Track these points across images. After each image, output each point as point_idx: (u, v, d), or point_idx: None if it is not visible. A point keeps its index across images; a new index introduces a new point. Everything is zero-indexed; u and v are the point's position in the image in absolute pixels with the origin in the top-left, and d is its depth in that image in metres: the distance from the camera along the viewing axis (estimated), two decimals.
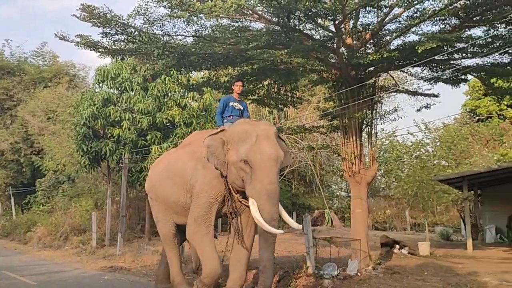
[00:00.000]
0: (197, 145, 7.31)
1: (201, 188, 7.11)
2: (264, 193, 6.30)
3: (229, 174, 6.78)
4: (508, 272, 9.20)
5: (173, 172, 7.77)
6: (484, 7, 9.47)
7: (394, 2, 9.25)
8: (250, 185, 6.44)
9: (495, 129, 25.07)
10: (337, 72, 11.10)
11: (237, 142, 6.69)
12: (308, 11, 8.99)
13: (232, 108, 7.68)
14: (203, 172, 7.12)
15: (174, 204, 7.80)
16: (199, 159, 7.17)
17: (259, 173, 6.37)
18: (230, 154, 6.73)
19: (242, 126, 6.89)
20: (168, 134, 18.06)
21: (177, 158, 7.90)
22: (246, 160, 6.47)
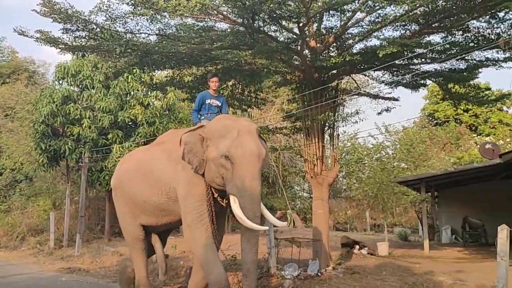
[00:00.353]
0: (174, 144, 6.89)
1: (185, 190, 6.67)
2: (246, 190, 6.03)
3: (208, 172, 6.43)
4: (462, 271, 9.50)
5: (145, 170, 7.31)
6: (442, 14, 9.76)
7: (356, 6, 9.43)
8: (231, 182, 6.13)
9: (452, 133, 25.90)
10: (300, 74, 11.21)
11: (217, 138, 6.35)
12: (273, 13, 9.05)
13: (209, 105, 7.37)
14: (184, 174, 6.70)
15: (144, 203, 7.34)
16: (177, 160, 6.71)
17: (241, 169, 6.08)
18: (210, 151, 6.38)
19: (222, 121, 6.59)
20: (130, 133, 17.79)
21: (151, 157, 7.43)
22: (227, 156, 6.15)
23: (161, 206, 7.12)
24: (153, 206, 7.22)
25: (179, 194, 6.71)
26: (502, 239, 5.95)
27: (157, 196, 7.06)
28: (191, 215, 6.56)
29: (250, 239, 6.17)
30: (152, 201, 7.18)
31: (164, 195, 6.98)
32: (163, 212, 7.22)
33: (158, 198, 7.06)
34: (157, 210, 7.23)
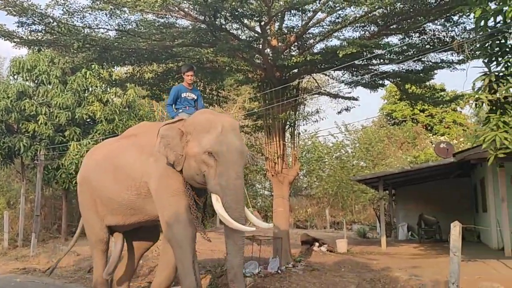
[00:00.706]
0: (146, 137, 6.57)
1: (158, 183, 6.27)
2: (230, 189, 5.77)
3: (187, 169, 6.06)
4: (417, 267, 9.77)
5: (114, 165, 6.88)
6: (400, 16, 10.00)
7: (317, 7, 9.54)
8: (214, 180, 5.81)
9: (409, 132, 26.58)
10: (262, 73, 11.25)
11: (200, 133, 6.00)
12: (235, 11, 9.04)
13: (185, 99, 6.96)
14: (156, 166, 6.32)
15: (111, 200, 6.91)
16: (150, 153, 6.38)
17: (225, 167, 5.79)
18: (191, 146, 6.01)
19: (205, 115, 6.24)
20: (88, 131, 17.39)
21: (121, 150, 6.98)
22: (211, 152, 5.82)
23: (130, 204, 6.73)
24: (121, 204, 6.82)
25: (152, 189, 6.34)
26: (454, 236, 6.16)
27: (126, 192, 6.67)
28: (167, 212, 6.18)
29: (236, 241, 5.84)
30: (120, 198, 6.77)
31: (133, 191, 6.60)
32: (132, 210, 6.81)
33: (127, 194, 6.67)
34: (125, 208, 6.83)
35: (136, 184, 6.56)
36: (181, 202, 6.16)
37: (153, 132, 6.38)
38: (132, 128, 7.87)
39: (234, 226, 5.68)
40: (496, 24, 7.11)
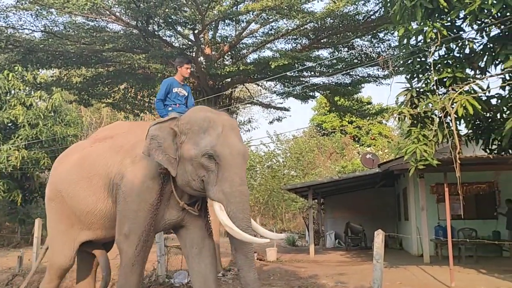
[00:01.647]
0: (125, 138, 5.80)
1: (130, 188, 5.41)
2: (236, 196, 5.07)
3: (182, 174, 5.27)
4: (343, 274, 10.07)
5: (90, 171, 5.88)
6: (330, 31, 10.36)
7: (251, 18, 9.67)
8: (216, 186, 5.08)
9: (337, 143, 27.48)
10: (195, 81, 11.20)
11: (197, 133, 5.27)
12: (168, 18, 8.97)
13: (176, 94, 6.13)
14: (132, 168, 5.47)
15: (86, 214, 5.92)
16: (127, 152, 5.60)
17: (229, 171, 5.09)
18: (187, 148, 5.24)
19: (202, 113, 5.43)
20: (9, 135, 16.48)
21: (97, 155, 5.98)
22: (212, 155, 5.08)
23: (108, 214, 5.81)
24: (99, 216, 5.90)
25: (120, 191, 5.46)
26: (378, 243, 6.40)
27: (102, 203, 5.80)
28: (130, 223, 5.37)
29: (247, 254, 5.19)
30: (97, 210, 5.85)
31: (110, 199, 5.70)
32: (110, 221, 5.85)
33: (104, 204, 5.79)
34: (104, 220, 5.91)
35: (110, 188, 5.67)
36: (150, 220, 5.37)
37: (133, 133, 5.74)
38: (106, 129, 6.76)
39: (245, 238, 4.98)
40: (417, 43, 7.54)
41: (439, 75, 7.25)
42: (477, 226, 11.57)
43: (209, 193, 5.12)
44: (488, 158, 8.59)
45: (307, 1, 9.05)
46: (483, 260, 10.72)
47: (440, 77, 7.28)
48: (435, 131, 7.29)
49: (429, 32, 6.55)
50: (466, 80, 7.13)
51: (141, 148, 5.33)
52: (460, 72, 7.20)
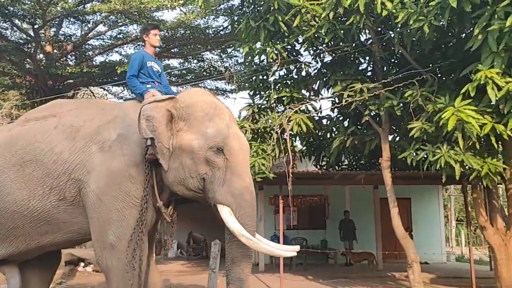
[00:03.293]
0: (79, 118, 4.50)
1: (105, 183, 4.23)
2: (246, 199, 4.22)
3: (176, 169, 4.21)
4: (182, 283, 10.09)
5: (22, 157, 4.47)
6: (181, 41, 10.44)
7: (99, 19, 9.31)
8: (224, 186, 4.17)
9: None
10: (32, 79, 10.38)
11: (201, 120, 4.26)
12: (4, 9, 8.20)
13: (150, 69, 4.86)
14: (104, 157, 4.28)
15: (12, 215, 4.48)
16: (89, 137, 4.34)
17: (239, 169, 4.25)
18: (187, 138, 4.23)
19: (207, 97, 4.50)
20: None
21: (32, 137, 4.53)
22: (222, 148, 4.16)
23: (44, 216, 4.44)
24: (29, 219, 4.47)
25: (90, 190, 4.25)
26: (214, 253, 6.53)
27: (40, 198, 4.40)
28: (115, 231, 4.19)
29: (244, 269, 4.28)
30: (28, 210, 4.43)
31: (53, 194, 4.37)
32: (46, 226, 4.49)
33: (41, 201, 4.40)
34: (34, 225, 4.50)
35: (59, 184, 4.34)
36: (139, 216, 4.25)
37: (87, 112, 4.57)
38: (42, 109, 4.99)
39: (264, 250, 4.28)
40: (260, 62, 7.97)
41: (279, 94, 7.73)
42: (308, 235, 12.51)
43: (214, 195, 4.14)
44: (318, 173, 9.37)
45: (157, 9, 9.01)
46: (311, 267, 11.60)
47: (279, 96, 7.76)
48: (273, 146, 7.74)
49: (270, 52, 6.97)
50: (302, 100, 7.71)
51: (109, 132, 4.27)
52: (297, 92, 7.77)
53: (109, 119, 4.37)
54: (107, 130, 4.29)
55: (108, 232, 4.16)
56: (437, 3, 5.14)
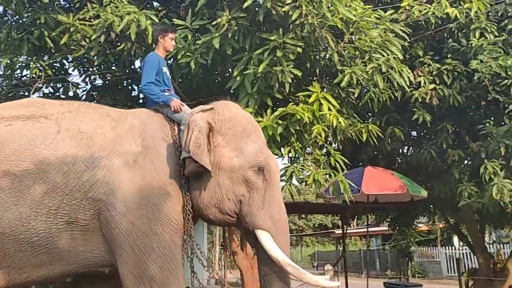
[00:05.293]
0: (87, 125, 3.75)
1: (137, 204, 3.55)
2: (284, 225, 3.92)
3: (213, 189, 3.77)
4: None
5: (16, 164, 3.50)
6: None
7: None
8: (264, 210, 3.79)
9: None
10: None
11: (240, 137, 3.88)
12: None
13: (165, 75, 4.40)
14: (131, 174, 3.61)
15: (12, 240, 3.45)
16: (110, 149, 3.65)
17: (276, 192, 3.93)
18: (227, 155, 3.81)
19: (243, 111, 4.19)
20: None
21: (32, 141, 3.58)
22: (263, 168, 3.84)
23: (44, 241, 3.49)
24: (25, 243, 3.48)
25: (117, 213, 3.53)
26: None
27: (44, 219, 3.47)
28: (156, 260, 3.52)
29: None
30: (27, 231, 3.46)
31: (60, 215, 3.49)
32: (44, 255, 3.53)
33: (45, 222, 3.48)
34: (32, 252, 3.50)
35: (71, 203, 3.51)
36: (180, 245, 3.74)
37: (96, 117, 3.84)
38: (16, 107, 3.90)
39: (312, 281, 3.83)
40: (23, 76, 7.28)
41: None
42: None
43: (254, 219, 3.79)
44: None
45: None
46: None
47: None
48: None
49: (33, 68, 6.45)
50: None
51: (130, 144, 3.69)
52: None
53: (124, 128, 3.78)
54: (126, 141, 3.71)
55: (148, 262, 3.50)
56: (203, 42, 5.51)
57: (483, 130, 6.65)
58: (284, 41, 5.30)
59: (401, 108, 7.44)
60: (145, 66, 4.34)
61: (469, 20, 6.78)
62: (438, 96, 6.85)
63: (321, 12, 5.23)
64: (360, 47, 5.84)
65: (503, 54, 6.61)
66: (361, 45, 5.82)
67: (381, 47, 5.86)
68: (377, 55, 5.81)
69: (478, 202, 6.67)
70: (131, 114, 4.01)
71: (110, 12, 5.59)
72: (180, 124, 3.90)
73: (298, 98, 5.78)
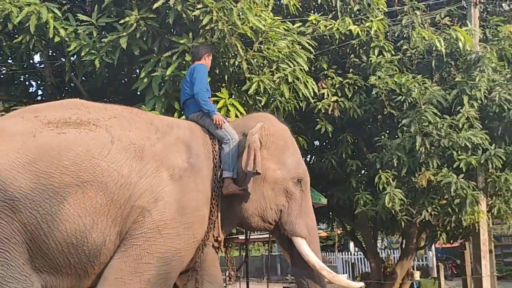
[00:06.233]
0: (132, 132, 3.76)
1: (171, 217, 3.65)
2: (316, 232, 4.43)
3: (258, 200, 4.10)
4: None
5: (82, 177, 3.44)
6: None
7: None
8: (301, 218, 4.20)
9: None
10: None
11: (282, 150, 4.23)
12: None
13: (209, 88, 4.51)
14: (174, 188, 3.72)
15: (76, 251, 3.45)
16: (159, 160, 3.73)
17: (309, 201, 4.37)
18: (272, 168, 4.13)
19: (281, 124, 4.47)
20: None
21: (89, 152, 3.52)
22: (301, 180, 4.25)
23: (99, 253, 3.53)
24: (85, 255, 3.50)
25: (150, 220, 3.60)
26: None
27: (102, 231, 3.50)
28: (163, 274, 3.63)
29: None
30: (89, 243, 3.47)
31: (114, 227, 3.54)
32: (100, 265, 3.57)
33: (103, 234, 3.50)
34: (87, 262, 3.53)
35: (123, 214, 3.56)
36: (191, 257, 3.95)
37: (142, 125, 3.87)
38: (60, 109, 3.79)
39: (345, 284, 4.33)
40: None
41: None
42: None
43: (293, 227, 4.16)
44: None
45: None
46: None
47: None
48: None
49: None
50: None
51: (176, 158, 3.81)
52: None
53: (170, 140, 3.88)
54: (173, 154, 3.81)
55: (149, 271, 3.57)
56: (109, 40, 5.32)
57: (379, 142, 7.07)
58: (193, 46, 5.28)
59: (305, 118, 7.70)
60: (199, 73, 4.35)
61: (369, 38, 7.19)
62: (339, 108, 7.17)
63: (231, 20, 5.28)
64: (268, 56, 5.97)
65: (398, 72, 7.10)
66: (269, 55, 5.95)
67: (288, 58, 6.03)
68: (284, 65, 5.98)
69: (372, 210, 7.07)
70: (176, 126, 4.06)
71: (8, 2, 5.24)
72: (219, 141, 4.07)
73: None
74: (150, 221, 3.60)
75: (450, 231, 7.80)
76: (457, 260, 14.27)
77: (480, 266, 7.48)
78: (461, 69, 7.29)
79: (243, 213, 4.08)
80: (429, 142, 6.49)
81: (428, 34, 7.08)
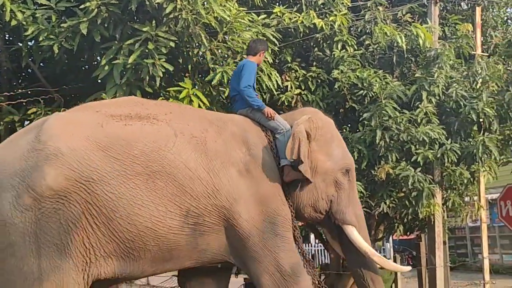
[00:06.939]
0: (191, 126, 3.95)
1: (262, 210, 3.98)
2: (364, 220, 4.62)
3: (310, 191, 4.30)
4: None
5: (147, 165, 3.63)
6: None
7: None
8: (350, 207, 4.40)
9: None
10: None
11: (329, 142, 4.41)
12: None
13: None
14: (248, 183, 3.97)
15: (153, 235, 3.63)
16: (228, 158, 3.95)
17: (355, 190, 4.61)
18: (322, 159, 4.29)
19: (326, 117, 4.61)
20: None
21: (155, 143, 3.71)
22: (349, 170, 4.47)
23: (178, 239, 3.74)
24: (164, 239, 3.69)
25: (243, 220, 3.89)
26: None
27: (177, 218, 3.71)
28: (288, 259, 4.03)
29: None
30: (165, 227, 3.66)
31: (190, 217, 3.74)
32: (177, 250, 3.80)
33: (179, 222, 3.71)
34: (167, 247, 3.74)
35: (199, 207, 3.75)
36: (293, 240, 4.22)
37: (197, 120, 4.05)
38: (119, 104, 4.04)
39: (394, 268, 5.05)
40: None
41: None
42: None
43: (344, 216, 4.40)
44: None
45: None
46: None
47: None
48: None
49: None
50: None
51: (237, 152, 4.01)
52: None
53: (228, 135, 4.04)
54: (234, 149, 4.00)
55: (279, 260, 3.98)
56: (68, 26, 5.18)
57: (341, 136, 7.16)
58: (157, 34, 5.21)
59: None
60: (246, 70, 4.52)
61: (333, 32, 7.25)
62: (302, 101, 7.21)
63: (196, 9, 5.23)
64: (232, 47, 5.95)
65: (360, 67, 7.20)
66: (233, 46, 5.93)
67: None
68: None
69: None
70: (229, 120, 4.25)
71: None
72: (273, 131, 4.28)
73: (168, 93, 5.72)
74: (245, 222, 3.90)
75: (407, 223, 7.99)
76: (413, 252, 14.69)
77: (434, 257, 7.72)
78: (421, 65, 7.45)
79: (297, 204, 4.29)
80: (389, 136, 6.61)
81: (390, 30, 7.19)
